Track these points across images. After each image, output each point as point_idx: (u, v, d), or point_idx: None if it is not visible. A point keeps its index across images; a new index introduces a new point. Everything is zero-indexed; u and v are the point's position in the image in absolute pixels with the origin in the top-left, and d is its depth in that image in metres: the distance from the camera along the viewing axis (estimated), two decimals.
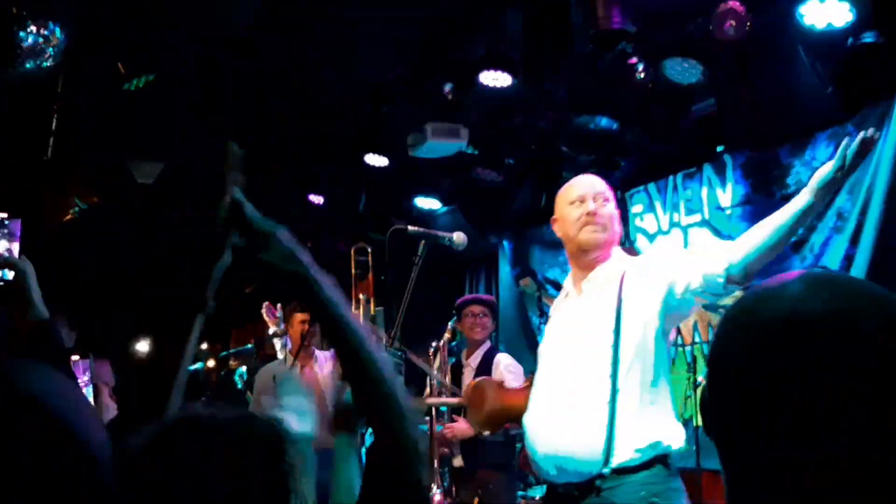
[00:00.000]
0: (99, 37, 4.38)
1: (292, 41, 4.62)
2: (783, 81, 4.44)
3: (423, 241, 2.67)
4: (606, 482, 2.24)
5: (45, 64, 3.89)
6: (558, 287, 6.79)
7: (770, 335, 0.80)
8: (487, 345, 4.56)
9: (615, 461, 2.23)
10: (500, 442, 4.25)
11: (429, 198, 6.86)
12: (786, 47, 4.18)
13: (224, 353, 6.42)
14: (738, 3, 4.01)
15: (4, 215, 1.81)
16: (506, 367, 4.29)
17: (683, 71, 4.47)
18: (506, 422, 2.61)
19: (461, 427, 4.12)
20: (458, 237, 2.72)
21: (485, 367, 4.35)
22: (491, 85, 4.67)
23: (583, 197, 2.49)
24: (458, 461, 4.19)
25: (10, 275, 1.75)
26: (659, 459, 2.26)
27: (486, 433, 2.68)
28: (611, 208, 2.51)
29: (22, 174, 5.39)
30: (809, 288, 0.82)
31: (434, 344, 3.78)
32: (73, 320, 3.59)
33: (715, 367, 0.85)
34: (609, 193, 2.54)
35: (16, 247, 1.78)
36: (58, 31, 3.99)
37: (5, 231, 1.78)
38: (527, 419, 2.46)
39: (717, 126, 5.12)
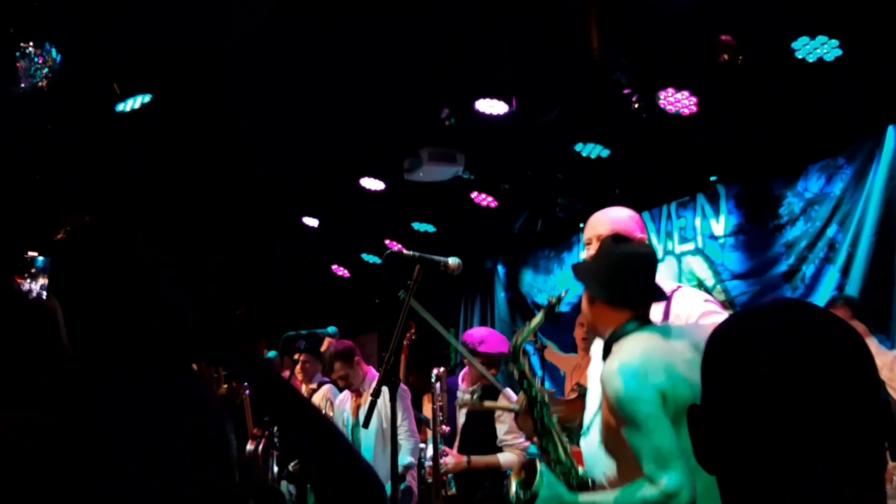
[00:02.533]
0: (94, 57, 4.40)
1: (288, 62, 4.65)
2: (776, 114, 4.49)
3: (417, 266, 2.63)
4: None
5: (40, 84, 3.91)
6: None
7: (763, 356, 0.81)
8: None
9: None
10: (492, 472, 4.20)
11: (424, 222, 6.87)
12: (778, 81, 4.24)
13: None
14: (730, 37, 4.08)
15: (35, 254, 1.83)
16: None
17: (677, 101, 4.52)
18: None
19: (454, 462, 4.07)
20: (453, 262, 2.69)
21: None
22: (487, 112, 4.72)
23: (588, 240, 2.34)
24: (451, 490, 4.13)
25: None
26: None
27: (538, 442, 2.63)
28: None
29: (18, 193, 5.38)
30: (786, 313, 0.84)
31: (435, 372, 3.72)
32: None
33: (712, 387, 0.86)
34: (604, 230, 2.27)
35: (45, 282, 1.81)
36: (54, 51, 4.02)
37: (40, 268, 1.82)
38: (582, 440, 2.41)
39: (710, 156, 5.17)
